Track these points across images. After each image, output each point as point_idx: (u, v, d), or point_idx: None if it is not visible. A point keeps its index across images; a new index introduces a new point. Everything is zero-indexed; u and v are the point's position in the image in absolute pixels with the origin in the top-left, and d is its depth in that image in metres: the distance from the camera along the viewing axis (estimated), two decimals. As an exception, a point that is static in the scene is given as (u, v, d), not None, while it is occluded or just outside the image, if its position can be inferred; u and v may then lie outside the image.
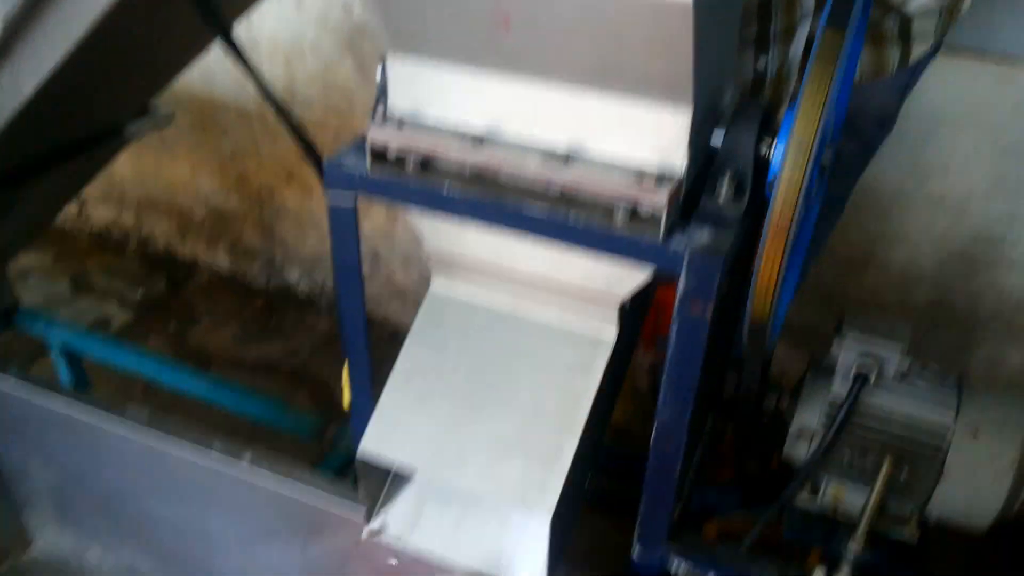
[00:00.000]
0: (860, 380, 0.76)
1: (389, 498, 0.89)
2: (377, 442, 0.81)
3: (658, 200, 0.64)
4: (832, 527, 0.83)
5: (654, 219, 0.65)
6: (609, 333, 0.76)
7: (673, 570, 0.86)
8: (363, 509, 0.90)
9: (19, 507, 1.26)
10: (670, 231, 0.65)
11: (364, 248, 0.83)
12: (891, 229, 1.57)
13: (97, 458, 1.09)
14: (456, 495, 0.88)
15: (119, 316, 2.39)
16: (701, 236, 0.65)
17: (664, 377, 0.73)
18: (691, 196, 0.69)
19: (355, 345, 0.87)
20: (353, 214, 0.77)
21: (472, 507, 0.87)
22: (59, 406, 1.06)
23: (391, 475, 0.89)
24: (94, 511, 1.17)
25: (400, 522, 0.89)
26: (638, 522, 0.85)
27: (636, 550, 0.87)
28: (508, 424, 0.78)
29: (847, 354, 0.78)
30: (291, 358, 2.29)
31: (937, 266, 1.57)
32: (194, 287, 2.56)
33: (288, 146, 2.17)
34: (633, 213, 0.65)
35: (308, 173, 2.13)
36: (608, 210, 0.66)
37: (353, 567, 0.99)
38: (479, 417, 0.79)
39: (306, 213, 2.22)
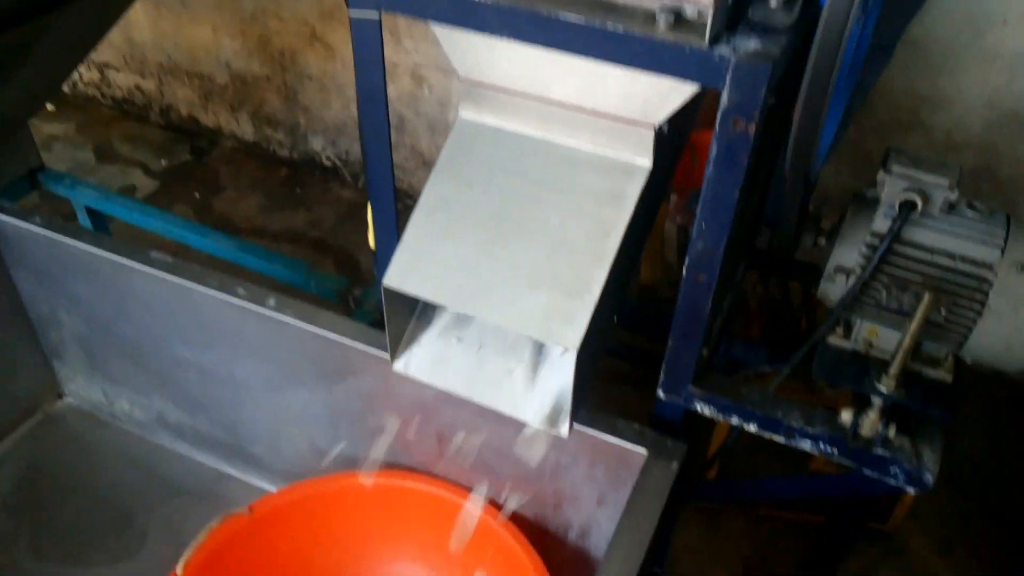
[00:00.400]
0: (906, 209, 0.72)
1: (414, 337, 0.89)
2: (402, 276, 0.79)
3: (704, 0, 0.60)
4: (863, 369, 0.82)
5: (699, 24, 0.61)
6: (644, 160, 0.73)
7: (699, 411, 0.86)
8: (388, 349, 0.90)
9: (49, 357, 1.28)
10: (716, 37, 0.61)
11: (389, 113, 0.80)
12: (939, 90, 1.50)
13: (123, 303, 1.09)
14: (481, 333, 0.87)
15: (144, 185, 2.38)
16: (748, 44, 0.61)
17: (701, 202, 0.70)
18: (739, 6, 0.64)
19: (379, 177, 0.85)
20: (378, 30, 0.73)
21: (496, 345, 0.86)
22: (85, 249, 1.06)
23: (416, 314, 0.88)
24: (122, 359, 1.18)
25: (425, 361, 0.88)
26: (664, 363, 0.84)
27: (661, 391, 0.86)
28: (536, 255, 0.76)
29: (893, 185, 0.74)
30: (315, 228, 2.28)
31: (984, 130, 1.50)
32: (218, 156, 2.54)
33: (309, 4, 2.10)
34: (677, 18, 0.61)
35: (331, 33, 2.06)
36: (649, 15, 0.62)
37: (378, 407, 0.99)
38: (506, 248, 0.77)
39: (329, 78, 2.17)
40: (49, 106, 2.55)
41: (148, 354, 1.14)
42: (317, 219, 2.31)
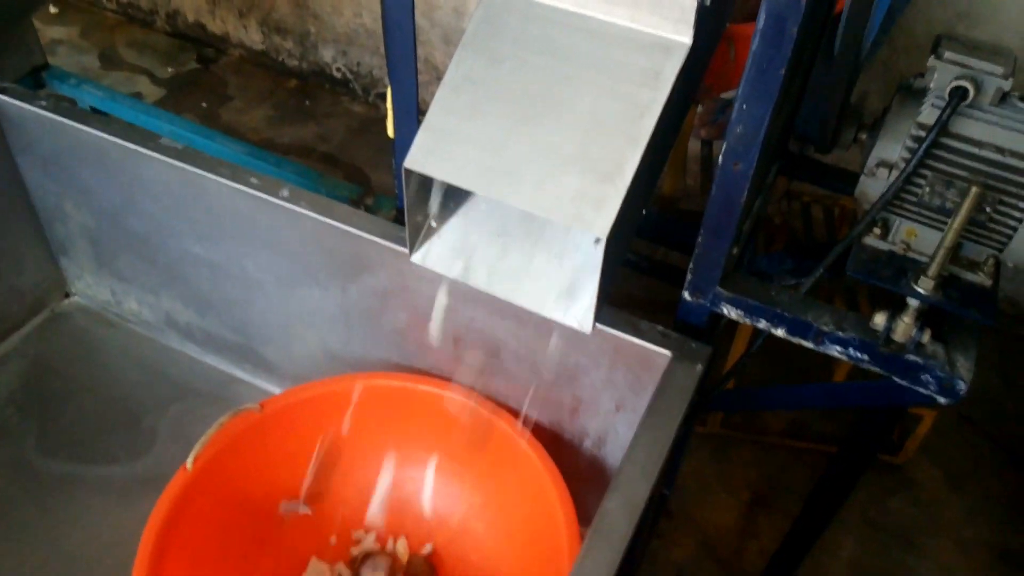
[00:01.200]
0: (957, 96, 0.68)
1: (433, 228, 0.85)
2: (423, 157, 0.76)
3: None
4: (900, 270, 0.78)
5: None
6: (684, 37, 0.69)
7: (725, 314, 0.83)
8: (405, 241, 0.87)
9: (56, 254, 1.25)
10: None
11: None
12: (976, 5, 1.44)
13: (132, 192, 1.06)
14: (504, 224, 0.84)
15: (149, 92, 2.33)
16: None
17: (743, 83, 0.66)
18: None
19: (399, 52, 0.81)
20: None
21: (520, 237, 0.83)
22: (94, 135, 1.02)
23: (436, 203, 0.85)
24: (130, 254, 1.15)
25: (444, 253, 0.85)
26: (692, 261, 0.81)
27: (686, 292, 0.83)
28: (566, 137, 0.72)
29: (944, 72, 0.70)
30: (325, 142, 2.23)
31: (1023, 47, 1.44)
32: (225, 65, 2.47)
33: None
34: None
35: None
36: None
37: (393, 306, 0.97)
38: (535, 129, 0.73)
39: (341, -17, 2.10)
40: (52, 8, 2.48)
41: (157, 249, 1.11)
42: (327, 133, 2.26)
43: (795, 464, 1.66)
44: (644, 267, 1.19)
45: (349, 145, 2.23)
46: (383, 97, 1.79)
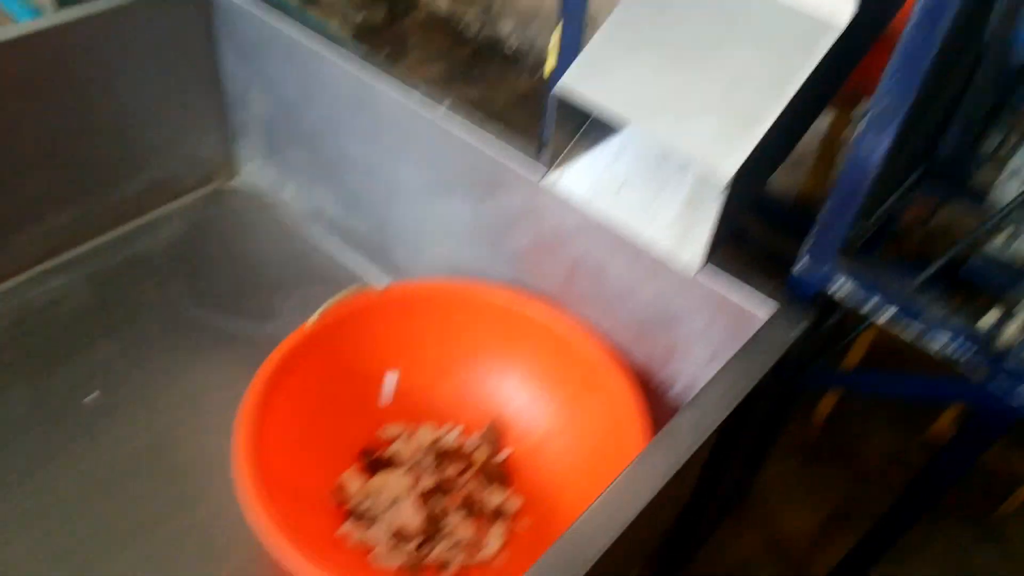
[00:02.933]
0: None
1: (570, 156, 0.92)
2: (576, 81, 0.82)
3: None
4: (1018, 276, 0.78)
5: None
6: (843, 16, 0.72)
7: (834, 289, 0.85)
8: (542, 166, 0.93)
9: (234, 136, 1.39)
10: None
11: None
12: None
13: (311, 88, 1.17)
14: (636, 162, 0.89)
15: (338, 33, 2.50)
16: None
17: (897, 51, 0.68)
18: None
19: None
20: None
21: (649, 176, 0.88)
22: (289, 32, 1.14)
23: (578, 134, 0.91)
24: (298, 147, 1.27)
25: (576, 180, 0.91)
26: (813, 232, 0.84)
27: (801, 263, 0.86)
28: (712, 85, 0.77)
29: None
30: (488, 104, 2.33)
31: None
32: (410, 23, 2.63)
33: None
34: None
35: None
36: None
37: (519, 228, 1.03)
38: (684, 74, 0.78)
39: (532, -43, 2.19)
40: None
41: (322, 145, 1.22)
42: (491, 97, 2.37)
43: (885, 494, 1.63)
44: (767, 253, 1.21)
45: (510, 111, 2.32)
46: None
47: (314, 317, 0.98)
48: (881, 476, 1.67)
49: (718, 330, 0.90)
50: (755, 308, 0.85)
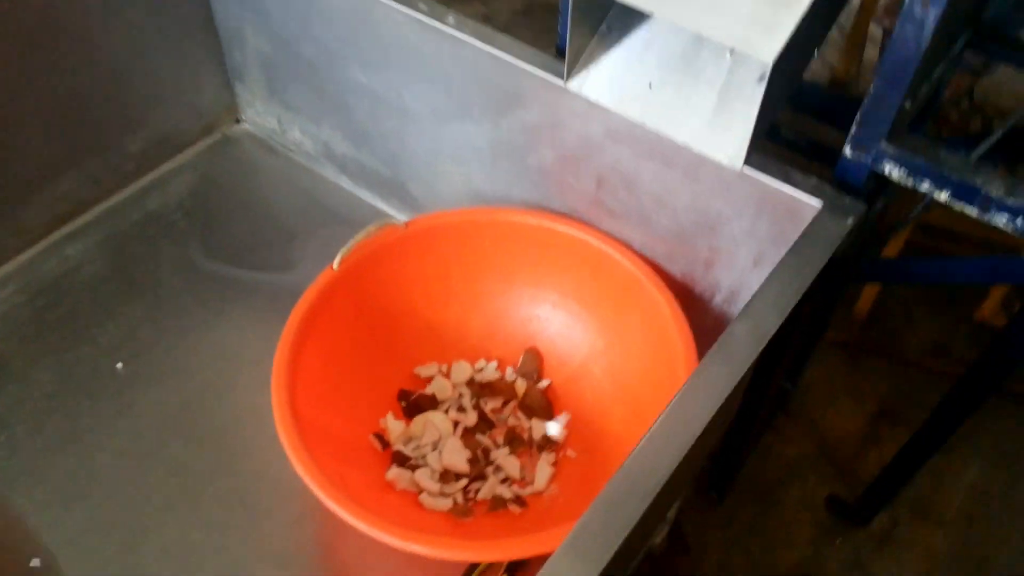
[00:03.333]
0: None
1: (593, 57, 0.85)
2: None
3: None
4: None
5: None
6: None
7: (888, 172, 0.80)
8: (562, 73, 0.87)
9: (231, 80, 1.33)
10: None
11: None
12: None
13: (308, 19, 1.10)
14: (664, 57, 0.83)
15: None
16: None
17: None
18: None
19: None
20: None
21: (679, 71, 0.82)
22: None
23: (598, 32, 0.84)
24: (299, 84, 1.21)
25: (601, 82, 0.85)
26: (860, 113, 0.78)
27: (848, 148, 0.80)
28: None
29: None
30: (490, 21, 2.25)
31: None
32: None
33: None
34: None
35: None
36: None
37: (542, 142, 0.98)
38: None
39: None
40: None
41: (324, 78, 1.16)
42: (492, 13, 2.27)
43: (930, 385, 1.59)
44: (802, 146, 1.15)
45: (513, 25, 2.23)
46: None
47: (338, 259, 0.94)
48: (926, 369, 1.63)
49: (762, 231, 0.85)
50: (802, 203, 0.80)
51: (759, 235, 0.86)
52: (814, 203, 0.79)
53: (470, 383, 1.04)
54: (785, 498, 1.44)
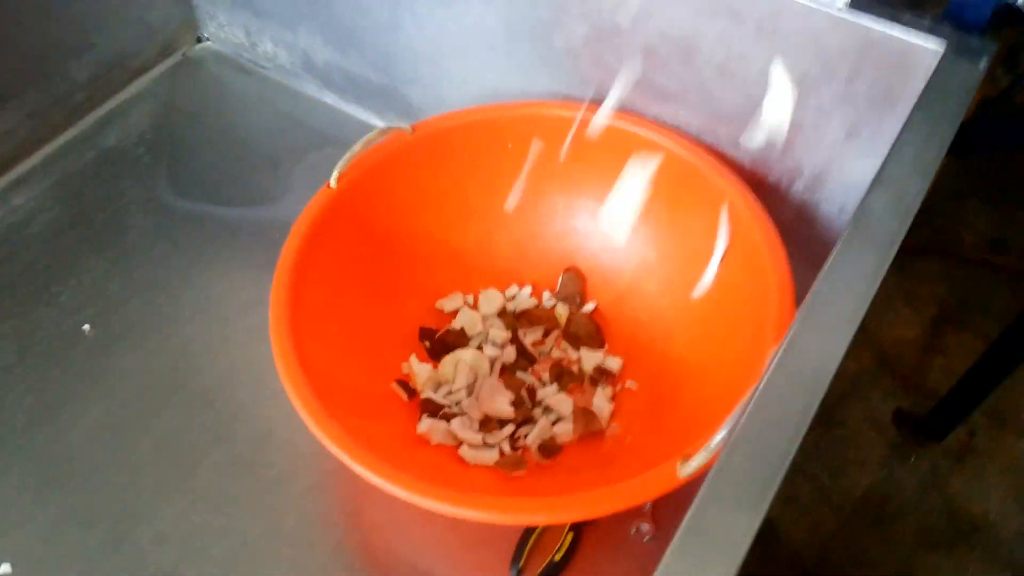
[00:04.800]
0: None
1: None
2: None
3: None
4: None
5: None
6: None
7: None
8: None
9: (188, -9, 1.14)
10: None
11: None
12: None
13: None
14: None
15: None
16: None
17: None
18: None
19: None
20: None
21: None
22: None
23: None
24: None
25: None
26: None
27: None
28: None
29: None
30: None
31: None
32: None
33: None
34: None
35: None
36: None
37: (571, 13, 0.80)
38: None
39: None
40: None
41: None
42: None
43: (992, 282, 1.45)
44: None
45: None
46: None
47: (335, 174, 0.78)
48: (986, 266, 1.48)
49: (860, 93, 0.69)
50: (919, 48, 0.63)
51: (856, 99, 0.69)
52: (934, 46, 0.63)
53: (502, 314, 0.89)
54: (848, 418, 1.31)
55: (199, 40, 1.19)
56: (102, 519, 0.77)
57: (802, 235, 0.79)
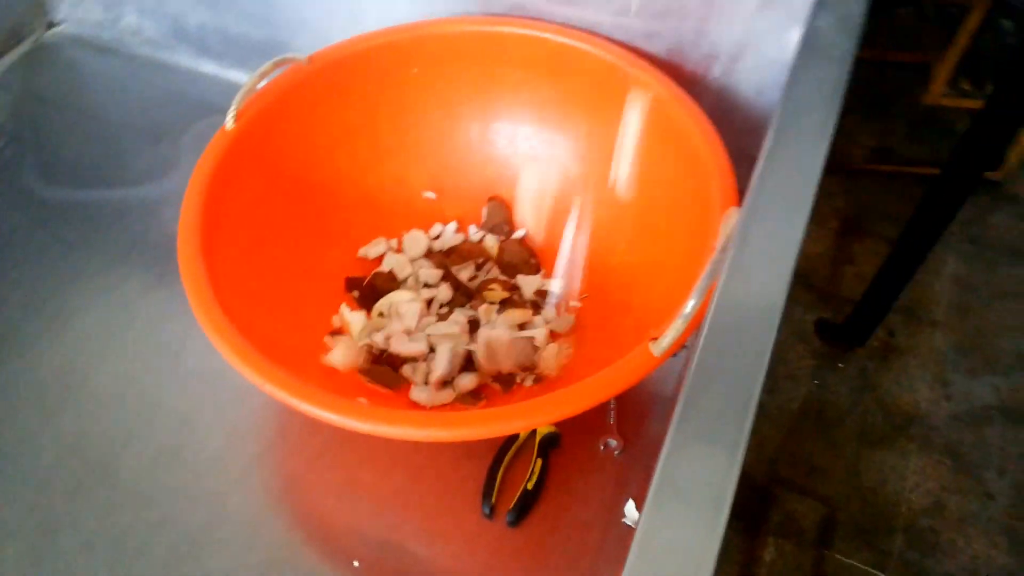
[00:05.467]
0: None
1: None
2: None
3: None
4: None
5: None
6: None
7: None
8: None
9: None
10: None
11: None
12: None
13: None
14: None
15: None
16: None
17: None
18: None
19: None
20: None
21: None
22: None
23: None
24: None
25: None
26: None
27: None
28: None
29: None
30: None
31: None
32: None
33: None
34: None
35: None
36: None
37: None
38: None
39: None
40: None
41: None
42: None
43: (884, 190, 1.50)
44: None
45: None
46: None
47: (231, 113, 0.71)
48: (876, 174, 1.53)
49: (769, -42, 0.68)
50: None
51: (766, -38, 0.68)
52: None
53: (429, 254, 0.84)
54: (775, 335, 1.32)
55: (51, 25, 1.09)
56: (14, 536, 0.68)
57: (722, 121, 0.77)
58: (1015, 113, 0.97)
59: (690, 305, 0.53)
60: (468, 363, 0.75)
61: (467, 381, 0.73)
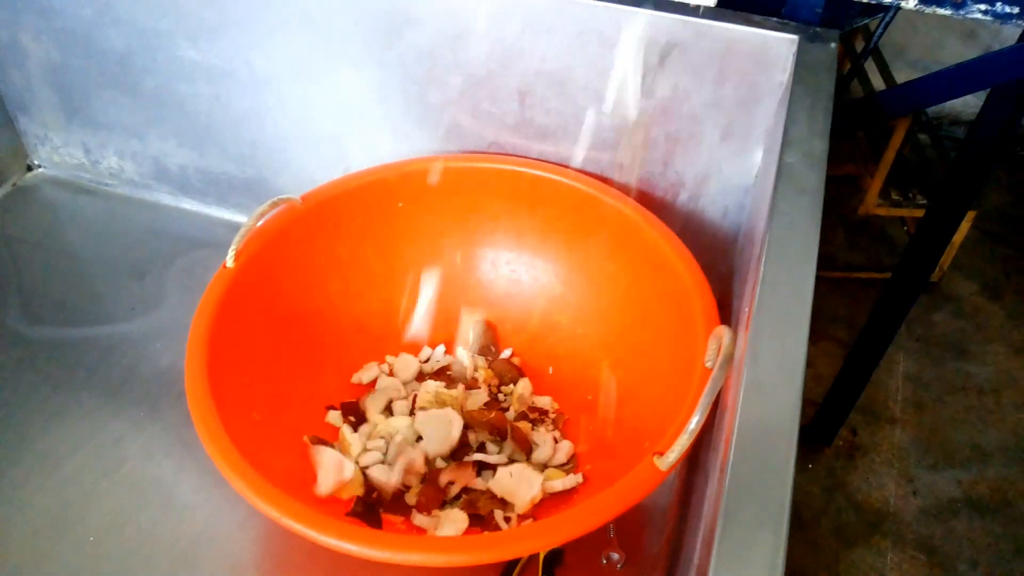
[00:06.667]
0: None
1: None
2: None
3: None
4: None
5: None
6: None
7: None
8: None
9: (13, 112, 1.07)
10: None
11: None
12: None
13: (103, 12, 0.89)
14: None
15: None
16: None
17: None
18: None
19: None
20: None
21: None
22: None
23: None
24: (107, 86, 0.98)
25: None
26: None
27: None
28: None
29: None
30: None
31: None
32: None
33: None
34: None
35: None
36: None
37: (442, 66, 0.83)
38: None
39: None
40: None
41: (141, 69, 0.94)
42: None
43: (832, 294, 1.58)
44: None
45: None
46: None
47: (231, 252, 0.74)
48: (821, 279, 1.61)
49: (728, 97, 0.75)
50: (777, 41, 0.70)
51: (725, 102, 0.75)
52: (791, 37, 0.70)
53: (420, 378, 0.86)
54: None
55: (29, 168, 1.12)
56: None
57: (692, 241, 0.83)
58: (950, 222, 1.06)
59: (694, 421, 0.56)
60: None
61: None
